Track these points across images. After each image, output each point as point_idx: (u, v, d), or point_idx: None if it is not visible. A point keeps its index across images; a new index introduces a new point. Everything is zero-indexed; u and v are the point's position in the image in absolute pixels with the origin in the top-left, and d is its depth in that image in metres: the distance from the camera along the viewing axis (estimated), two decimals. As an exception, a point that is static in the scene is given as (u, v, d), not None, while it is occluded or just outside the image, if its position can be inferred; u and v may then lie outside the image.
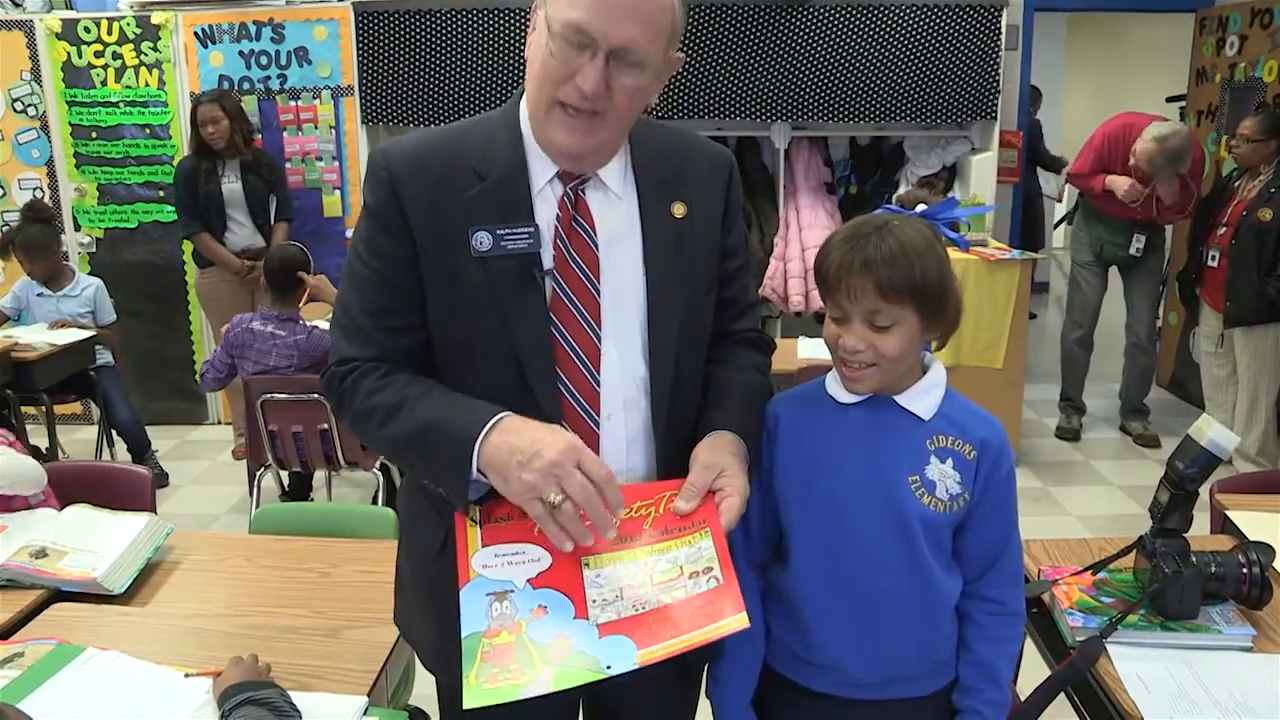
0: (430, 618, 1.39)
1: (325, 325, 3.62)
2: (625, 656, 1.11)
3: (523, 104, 1.32)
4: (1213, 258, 4.17)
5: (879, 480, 1.32)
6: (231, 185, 4.48)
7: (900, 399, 1.34)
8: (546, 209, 1.29)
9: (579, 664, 1.11)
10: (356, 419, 1.29)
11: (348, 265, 1.34)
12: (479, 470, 1.18)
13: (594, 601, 1.16)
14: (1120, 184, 4.44)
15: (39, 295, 4.26)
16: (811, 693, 1.40)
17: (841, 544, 1.33)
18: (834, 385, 1.38)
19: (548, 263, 1.27)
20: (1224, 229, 4.11)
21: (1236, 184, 4.17)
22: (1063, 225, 9.06)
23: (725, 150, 1.43)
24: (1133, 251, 4.59)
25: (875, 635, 1.34)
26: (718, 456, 1.26)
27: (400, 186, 1.27)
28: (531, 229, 1.26)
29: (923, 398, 1.34)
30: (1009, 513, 1.37)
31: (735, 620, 1.13)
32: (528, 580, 1.18)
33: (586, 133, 1.23)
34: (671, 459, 1.31)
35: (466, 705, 1.09)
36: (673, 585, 1.17)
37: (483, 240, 1.25)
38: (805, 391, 1.42)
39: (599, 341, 1.28)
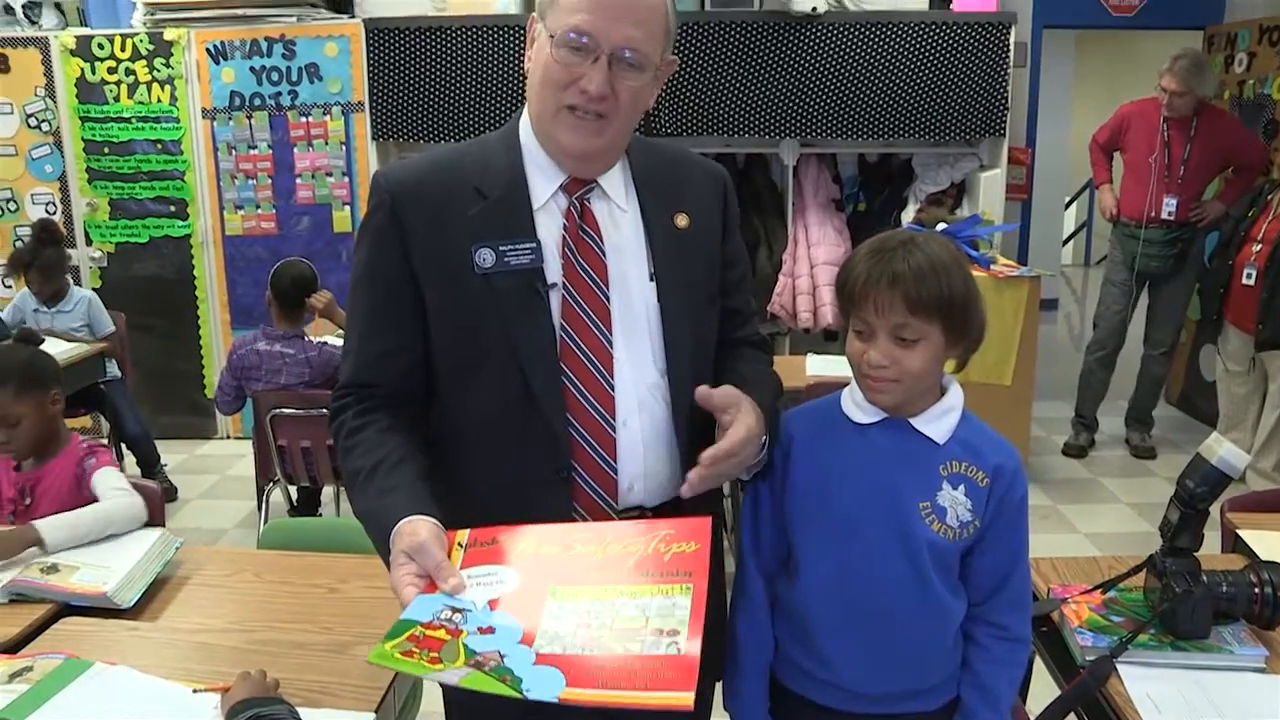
0: None
1: (334, 341, 3.63)
2: (549, 688, 1.04)
3: (522, 121, 1.35)
4: (1248, 275, 3.99)
5: (890, 504, 1.32)
6: None
7: (915, 422, 1.34)
8: (552, 222, 1.31)
9: (500, 676, 1.05)
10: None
11: (349, 293, 1.36)
12: None
13: (544, 633, 1.10)
14: (1105, 200, 4.69)
15: (35, 310, 4.26)
16: (818, 706, 1.41)
17: (849, 562, 1.33)
18: (850, 405, 1.38)
19: (555, 274, 1.29)
20: (1260, 245, 3.96)
21: (1270, 197, 4.09)
22: (1070, 241, 9.09)
23: (719, 165, 1.47)
24: (1165, 215, 4.44)
25: (880, 651, 1.34)
26: (733, 393, 1.27)
27: (401, 209, 1.29)
28: (534, 244, 1.28)
29: (938, 421, 1.34)
30: (1019, 539, 1.37)
31: (677, 697, 1.00)
32: (487, 601, 1.14)
33: (594, 133, 1.26)
34: (693, 458, 1.30)
35: (369, 660, 1.07)
36: (631, 635, 1.08)
37: (486, 257, 1.27)
38: (820, 410, 1.42)
39: (611, 347, 1.30)
